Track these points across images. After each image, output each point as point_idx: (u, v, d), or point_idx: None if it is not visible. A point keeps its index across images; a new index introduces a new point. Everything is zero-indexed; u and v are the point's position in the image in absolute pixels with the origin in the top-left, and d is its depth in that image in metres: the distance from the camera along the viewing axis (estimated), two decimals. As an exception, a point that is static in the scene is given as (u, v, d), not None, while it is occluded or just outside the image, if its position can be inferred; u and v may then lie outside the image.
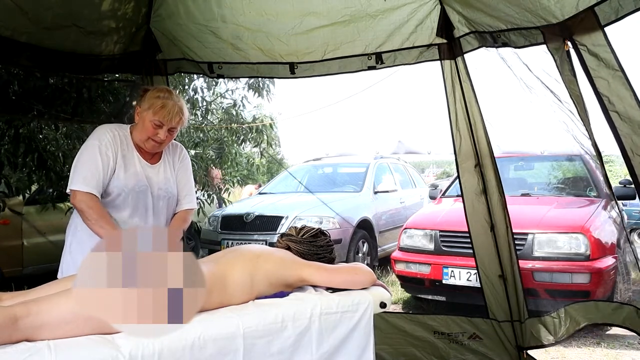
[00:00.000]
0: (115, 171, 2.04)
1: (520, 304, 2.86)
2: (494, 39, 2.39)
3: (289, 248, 1.94)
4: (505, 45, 2.36)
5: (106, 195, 2.05)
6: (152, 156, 2.17)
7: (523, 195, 4.99)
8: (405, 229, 4.92)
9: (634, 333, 2.56)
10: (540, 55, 2.22)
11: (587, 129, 2.24)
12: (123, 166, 2.06)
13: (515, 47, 2.30)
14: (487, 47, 2.52)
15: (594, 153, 2.35)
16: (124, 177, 2.06)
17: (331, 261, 1.97)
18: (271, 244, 2.40)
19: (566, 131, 2.36)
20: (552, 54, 2.17)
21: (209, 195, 6.50)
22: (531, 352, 2.90)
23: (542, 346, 2.84)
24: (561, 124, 2.36)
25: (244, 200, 7.31)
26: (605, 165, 2.55)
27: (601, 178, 4.80)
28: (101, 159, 2.00)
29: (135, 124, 2.10)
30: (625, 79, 1.85)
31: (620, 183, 4.73)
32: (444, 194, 5.66)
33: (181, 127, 2.11)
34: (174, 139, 2.20)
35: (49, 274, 2.05)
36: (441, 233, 4.53)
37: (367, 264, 5.66)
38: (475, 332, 2.95)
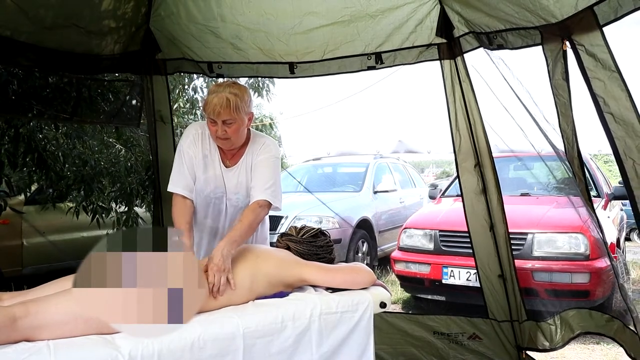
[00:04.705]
0: (194, 171, 2.10)
1: (518, 304, 2.87)
2: (489, 40, 2.38)
3: (288, 248, 1.95)
4: (500, 47, 2.35)
5: None
6: (232, 157, 2.14)
7: (522, 195, 4.99)
8: (405, 228, 4.92)
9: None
10: (531, 61, 2.22)
11: (565, 140, 2.23)
12: (202, 167, 2.10)
13: (512, 49, 2.30)
14: (484, 47, 2.52)
15: (569, 164, 2.35)
16: (203, 179, 2.10)
17: (331, 261, 1.98)
18: (271, 244, 2.39)
19: (549, 137, 2.38)
20: (546, 57, 2.17)
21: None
22: (530, 352, 2.90)
23: (539, 350, 2.85)
24: (544, 130, 2.38)
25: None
26: (605, 165, 2.55)
27: (593, 182, 4.82)
28: (184, 158, 2.08)
29: None
30: (622, 80, 1.84)
31: (619, 183, 4.72)
32: (443, 193, 5.66)
33: (237, 115, 1.93)
34: (265, 133, 2.20)
35: (49, 274, 2.06)
36: (441, 233, 4.54)
37: (367, 264, 5.65)
38: (474, 332, 2.95)
